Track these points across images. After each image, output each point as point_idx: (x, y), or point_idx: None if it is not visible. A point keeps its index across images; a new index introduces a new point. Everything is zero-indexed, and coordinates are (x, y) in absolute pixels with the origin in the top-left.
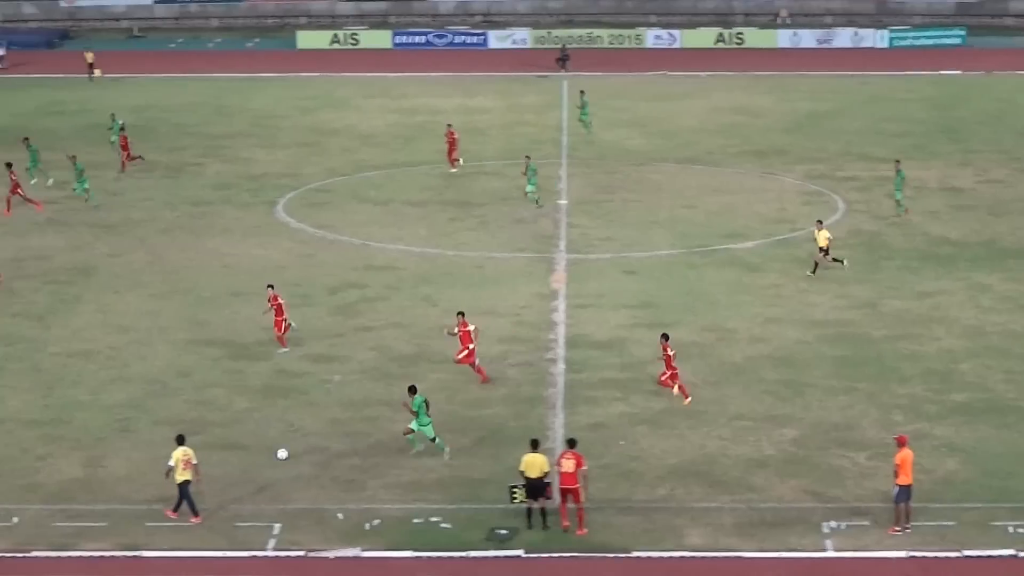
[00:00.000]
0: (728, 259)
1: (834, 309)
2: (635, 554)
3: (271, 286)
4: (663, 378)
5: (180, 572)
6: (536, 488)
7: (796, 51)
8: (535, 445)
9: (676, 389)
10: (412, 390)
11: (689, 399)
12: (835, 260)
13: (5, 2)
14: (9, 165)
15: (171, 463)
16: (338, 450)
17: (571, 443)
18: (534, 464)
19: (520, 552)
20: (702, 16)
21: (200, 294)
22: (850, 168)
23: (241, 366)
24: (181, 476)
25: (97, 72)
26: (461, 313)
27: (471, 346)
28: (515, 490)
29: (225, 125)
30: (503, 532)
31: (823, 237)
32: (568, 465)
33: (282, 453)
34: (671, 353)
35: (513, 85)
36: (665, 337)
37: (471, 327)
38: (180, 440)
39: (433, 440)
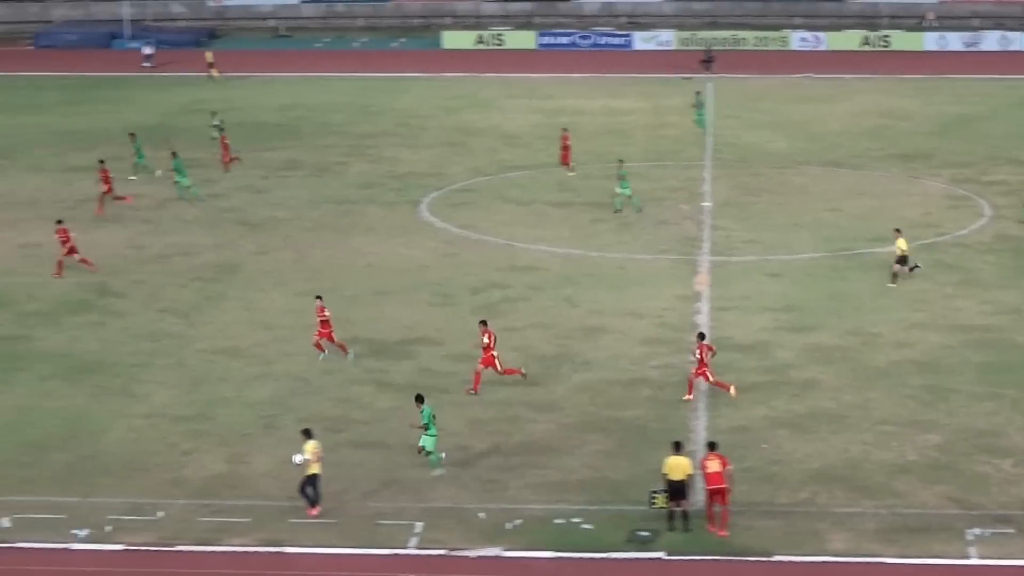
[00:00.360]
0: (872, 263)
1: (979, 314)
2: (776, 558)
3: (319, 297)
4: (710, 380)
5: (322, 568)
6: (679, 490)
7: (943, 54)
8: (678, 447)
9: (713, 381)
10: (419, 399)
11: (690, 397)
12: (912, 268)
13: (155, 1)
14: (102, 162)
15: (307, 456)
16: (480, 449)
17: (712, 446)
18: (678, 467)
19: (662, 554)
20: (847, 18)
21: (344, 293)
22: (997, 172)
23: (384, 365)
24: (312, 469)
25: (213, 72)
26: (483, 322)
27: (494, 353)
28: (655, 495)
29: (370, 124)
30: (645, 534)
31: (901, 245)
32: (714, 466)
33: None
34: (709, 350)
35: (657, 87)
36: (701, 336)
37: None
38: (309, 434)
39: (429, 453)
